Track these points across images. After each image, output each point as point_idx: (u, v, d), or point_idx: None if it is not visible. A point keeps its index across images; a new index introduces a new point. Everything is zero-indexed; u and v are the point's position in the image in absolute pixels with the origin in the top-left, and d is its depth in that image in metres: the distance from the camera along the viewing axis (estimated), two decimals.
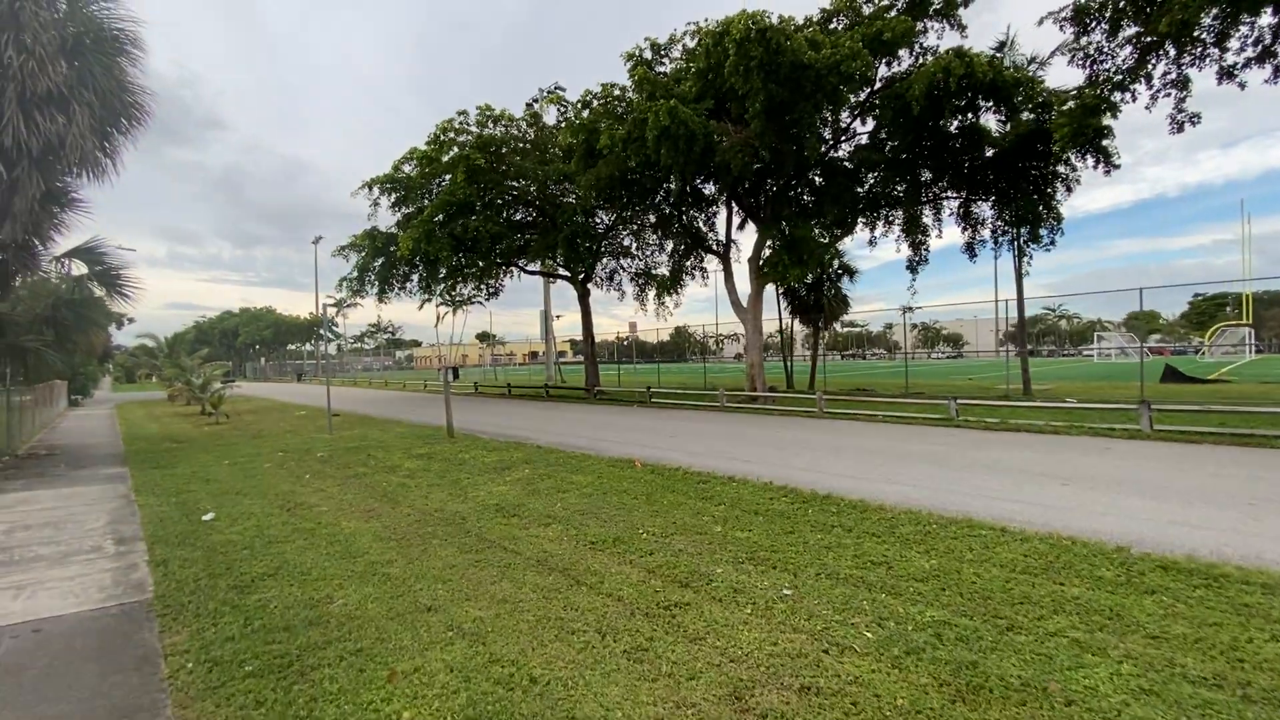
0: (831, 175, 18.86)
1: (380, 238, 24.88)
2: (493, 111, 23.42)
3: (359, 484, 8.68)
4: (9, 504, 7.41)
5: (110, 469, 10.28)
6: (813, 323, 26.00)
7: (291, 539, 5.91)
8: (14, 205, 8.09)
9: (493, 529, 6.23)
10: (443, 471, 9.36)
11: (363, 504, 7.43)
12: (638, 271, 29.92)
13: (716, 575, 4.78)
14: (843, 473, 8.48)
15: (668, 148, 16.31)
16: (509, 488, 8.09)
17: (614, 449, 11.03)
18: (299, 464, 10.49)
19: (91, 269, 12.16)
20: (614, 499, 7.29)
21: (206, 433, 15.74)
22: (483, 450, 11.23)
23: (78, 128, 8.30)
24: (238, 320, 71.34)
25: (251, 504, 7.46)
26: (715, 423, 15.09)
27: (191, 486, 8.51)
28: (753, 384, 20.63)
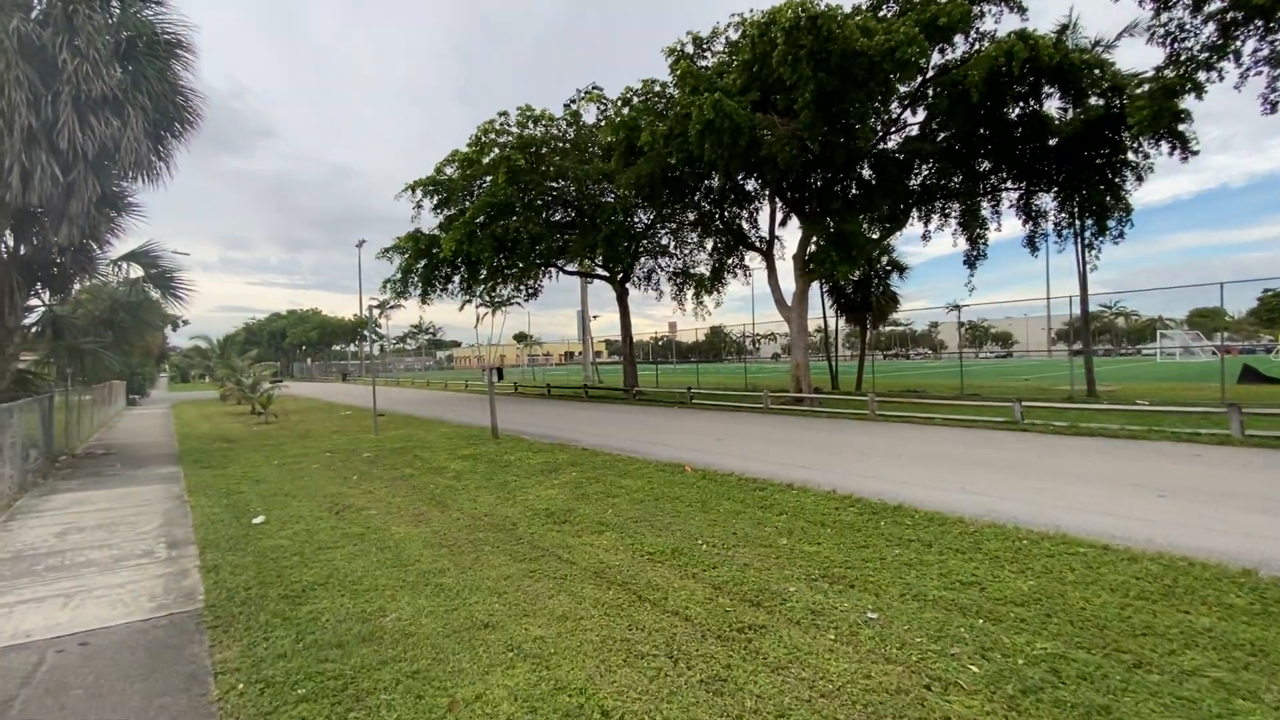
0: (882, 167, 18.15)
1: (423, 239, 25.10)
2: (533, 111, 23.37)
3: (406, 486, 8.55)
4: (64, 505, 7.49)
5: (164, 468, 10.42)
6: (860, 322, 25.20)
7: (341, 545, 5.75)
8: (70, 208, 8.21)
9: (545, 536, 5.97)
10: (489, 473, 9.18)
11: (411, 507, 7.27)
12: (676, 271, 29.56)
13: (790, 594, 4.40)
14: (909, 480, 7.97)
15: (712, 142, 15.92)
16: (558, 491, 7.84)
17: (660, 452, 10.70)
18: (346, 464, 10.46)
19: (147, 272, 12.42)
20: (667, 506, 6.95)
21: (256, 432, 16.00)
22: (528, 452, 11.04)
23: (132, 131, 8.38)
24: (285, 322, 73.53)
25: (300, 506, 7.37)
26: (761, 425, 14.62)
27: (242, 487, 8.50)
28: (798, 385, 20.05)
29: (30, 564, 5.17)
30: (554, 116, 23.44)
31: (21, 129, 7.49)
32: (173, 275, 12.47)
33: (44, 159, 7.72)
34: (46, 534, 6.10)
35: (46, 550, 5.54)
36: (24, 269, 10.53)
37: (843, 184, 18.97)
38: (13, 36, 7.34)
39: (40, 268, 10.98)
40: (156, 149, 9.15)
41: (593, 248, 23.82)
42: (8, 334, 10.32)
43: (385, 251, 26.69)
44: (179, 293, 12.41)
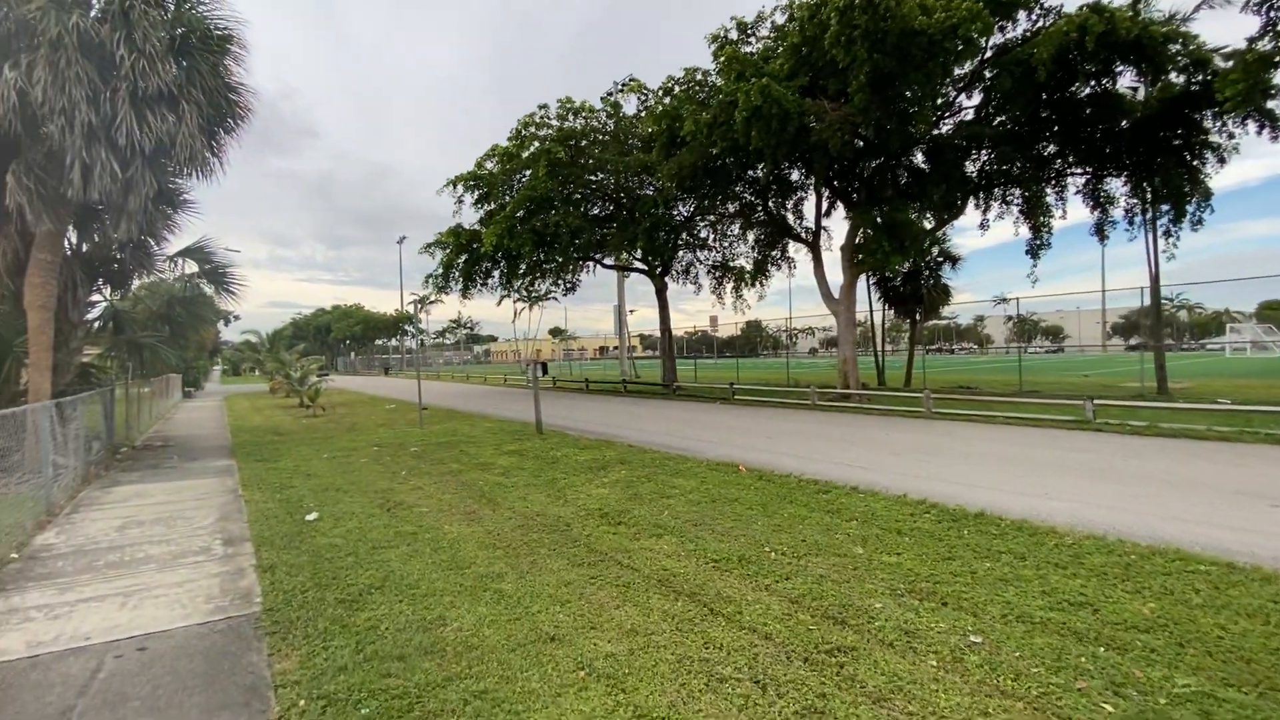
0: (936, 154, 17.34)
1: (464, 234, 25.18)
2: (573, 104, 23.16)
3: (454, 482, 8.42)
4: (124, 497, 7.57)
5: (219, 461, 10.56)
6: (909, 315, 24.34)
7: (395, 544, 5.60)
8: (128, 204, 8.29)
9: (601, 539, 5.71)
10: (537, 470, 8.99)
11: (462, 505, 7.11)
12: (715, 264, 29.07)
13: (876, 611, 4.04)
14: (982, 484, 7.46)
15: (759, 129, 15.42)
16: (609, 490, 7.58)
17: (709, 450, 10.36)
18: (394, 459, 10.42)
19: (201, 267, 12.63)
20: (726, 508, 6.63)
21: (305, 425, 16.24)
22: (574, 448, 10.83)
23: (187, 126, 8.42)
24: (330, 317, 75.48)
25: (352, 502, 7.29)
26: (810, 422, 14.13)
27: (294, 482, 8.50)
28: (845, 380, 19.42)
29: (91, 559, 5.15)
30: (594, 108, 23.18)
31: (82, 125, 7.57)
32: (225, 270, 12.66)
33: (103, 155, 7.80)
34: (108, 527, 6.12)
35: (107, 545, 5.53)
36: (86, 265, 10.78)
37: (895, 171, 18.21)
38: (72, 33, 7.41)
39: (101, 264, 11.24)
40: (210, 144, 9.20)
41: (632, 241, 23.52)
42: (71, 328, 10.58)
43: (427, 247, 26.89)
44: (231, 288, 12.60)
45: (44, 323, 8.53)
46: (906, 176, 18.30)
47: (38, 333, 8.46)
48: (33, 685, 3.14)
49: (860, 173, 18.93)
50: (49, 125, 7.54)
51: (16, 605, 4.14)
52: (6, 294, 9.01)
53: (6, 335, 8.79)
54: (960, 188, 17.63)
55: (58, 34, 7.32)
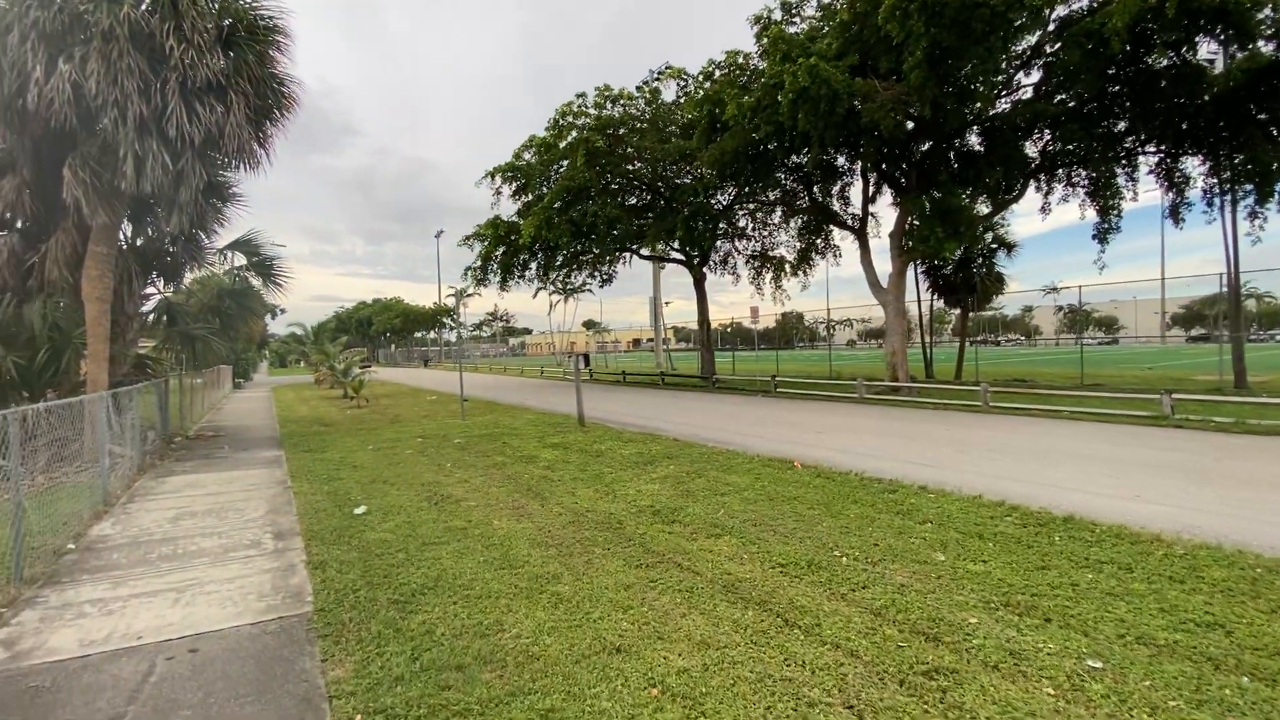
0: (994, 134, 16.46)
1: (503, 226, 25.14)
2: (611, 91, 22.81)
3: (501, 475, 8.26)
4: (178, 488, 7.62)
5: (268, 452, 10.65)
6: (960, 305, 23.38)
7: (445, 540, 5.42)
8: (180, 196, 8.33)
9: (657, 538, 5.43)
10: (583, 464, 8.77)
11: (509, 499, 6.92)
12: (754, 254, 28.47)
13: (972, 627, 3.65)
14: (1061, 483, 6.93)
15: (806, 111, 14.86)
16: (659, 486, 7.30)
17: (758, 444, 9.98)
18: (438, 451, 10.34)
19: (249, 260, 12.78)
20: (786, 508, 6.27)
21: (349, 416, 16.41)
22: (618, 441, 10.59)
23: (235, 117, 8.40)
24: (370, 310, 77.15)
25: (399, 495, 7.17)
26: (861, 416, 13.60)
27: (341, 473, 8.46)
28: (894, 373, 18.74)
29: (145, 552, 5.11)
30: (633, 95, 22.79)
31: (134, 117, 7.60)
32: (272, 263, 12.78)
33: (155, 146, 7.83)
34: (161, 519, 6.12)
35: (161, 536, 5.50)
36: (140, 259, 10.97)
37: (948, 154, 17.39)
38: (124, 24, 7.42)
39: (154, 258, 11.44)
40: (257, 135, 9.19)
41: (670, 230, 23.12)
42: (127, 321, 10.78)
43: (466, 239, 26.96)
44: (278, 280, 12.72)
45: (101, 315, 8.66)
46: (961, 159, 17.45)
47: (95, 324, 8.59)
48: (83, 689, 3.01)
49: (910, 156, 18.14)
50: (103, 118, 7.59)
51: (71, 599, 4.07)
52: (66, 287, 9.19)
53: (66, 327, 8.98)
54: (1020, 170, 16.72)
55: (109, 25, 7.34)
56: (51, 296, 8.98)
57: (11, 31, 7.20)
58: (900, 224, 18.85)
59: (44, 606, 3.94)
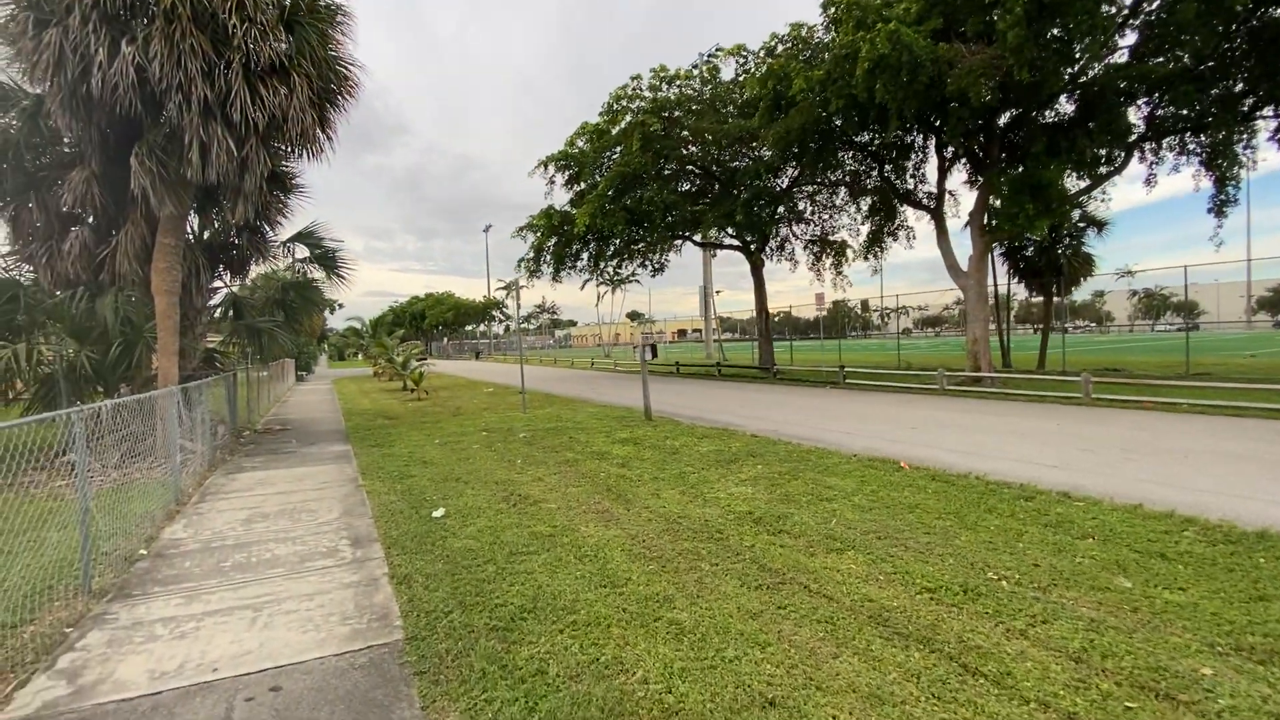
0: (1093, 100, 14.97)
1: (556, 216, 24.74)
2: (667, 72, 22.02)
3: (574, 473, 7.74)
4: (248, 485, 7.38)
5: (335, 446, 10.46)
6: (1044, 289, 21.75)
7: (533, 549, 4.90)
8: (245, 184, 8.08)
9: (768, 552, 4.77)
10: (660, 462, 8.17)
11: (590, 501, 6.38)
12: (813, 238, 27.28)
13: (1209, 681, 2.88)
14: (1227, 490, 5.94)
15: (885, 81, 13.81)
16: (751, 489, 6.63)
17: (848, 441, 9.19)
18: (505, 445, 9.93)
19: (312, 252, 12.65)
20: (908, 517, 5.51)
21: (411, 409, 16.29)
22: (691, 437, 9.95)
23: (298, 100, 8.09)
24: (424, 304, 78.60)
25: (475, 495, 6.72)
26: (951, 410, 12.58)
27: (412, 470, 8.10)
28: (976, 362, 17.50)
29: (218, 559, 4.77)
30: (690, 73, 21.93)
31: (198, 101, 7.35)
32: (334, 255, 12.61)
33: (219, 132, 7.58)
34: (234, 520, 5.82)
35: (234, 541, 5.17)
36: (207, 252, 10.91)
37: (1037, 124, 15.96)
38: (185, 3, 7.14)
39: (220, 251, 11.39)
40: (319, 119, 8.88)
41: (728, 215, 22.21)
42: (196, 314, 10.74)
43: (520, 230, 26.71)
44: (341, 272, 12.54)
45: (170, 308, 8.53)
46: (1051, 130, 15.98)
47: (164, 318, 8.46)
48: None
49: (993, 128, 16.77)
50: (168, 103, 7.35)
51: (142, 617, 3.71)
52: (136, 280, 9.12)
53: (137, 321, 8.91)
54: (1121, 139, 15.20)
55: (171, 4, 7.07)
56: (123, 290, 8.92)
57: (72, 13, 7.00)
58: (981, 202, 17.54)
59: (113, 626, 3.59)
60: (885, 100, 14.13)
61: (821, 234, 27.25)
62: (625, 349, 64.83)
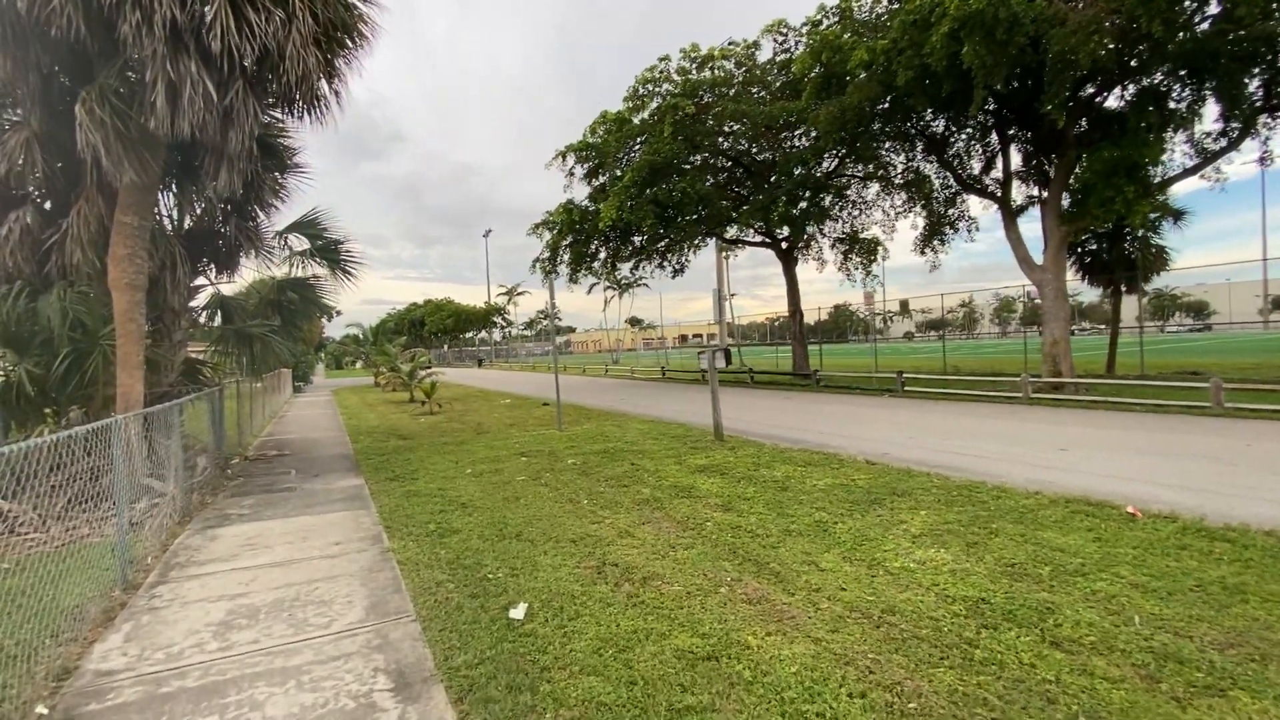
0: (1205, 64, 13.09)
1: (576, 211, 22.82)
2: (698, 53, 20.17)
3: (669, 522, 5.78)
4: (232, 549, 5.37)
5: (344, 480, 8.46)
6: (1114, 285, 19.84)
7: (697, 693, 2.94)
8: (229, 143, 6.13)
9: (1103, 694, 2.82)
10: (774, 503, 6.21)
11: (720, 573, 4.43)
12: (840, 235, 25.44)
13: None
14: None
15: (975, 43, 11.98)
16: (944, 553, 4.68)
17: (991, 469, 7.27)
18: (556, 477, 7.96)
19: (313, 244, 10.68)
20: (1241, 610, 3.57)
21: (426, 426, 14.29)
22: (789, 464, 7.99)
23: (298, 34, 6.16)
24: (423, 311, 76.39)
25: (553, 565, 4.74)
26: (1067, 423, 10.68)
27: (451, 519, 6.11)
28: (1055, 366, 15.63)
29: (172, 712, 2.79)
30: (728, 51, 20.07)
31: (163, 24, 5.40)
32: (339, 246, 10.64)
33: (193, 69, 5.64)
34: (204, 624, 3.84)
35: (198, 678, 3.19)
36: (188, 242, 8.94)
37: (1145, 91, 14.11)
38: None
39: (204, 240, 9.42)
40: (325, 65, 6.92)
41: (766, 208, 20.32)
42: (174, 317, 8.77)
43: (535, 227, 24.79)
44: (348, 266, 10.56)
45: (132, 307, 6.55)
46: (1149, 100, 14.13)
47: (125, 319, 6.48)
48: None
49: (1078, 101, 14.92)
50: (120, 24, 5.40)
51: None
52: (93, 274, 7.15)
53: (92, 325, 6.91)
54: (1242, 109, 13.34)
55: None
56: (73, 285, 6.94)
57: None
58: (1058, 186, 15.73)
59: None
60: (973, 65, 12.28)
61: (851, 231, 25.45)
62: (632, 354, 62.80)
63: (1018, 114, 16.17)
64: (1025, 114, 16.05)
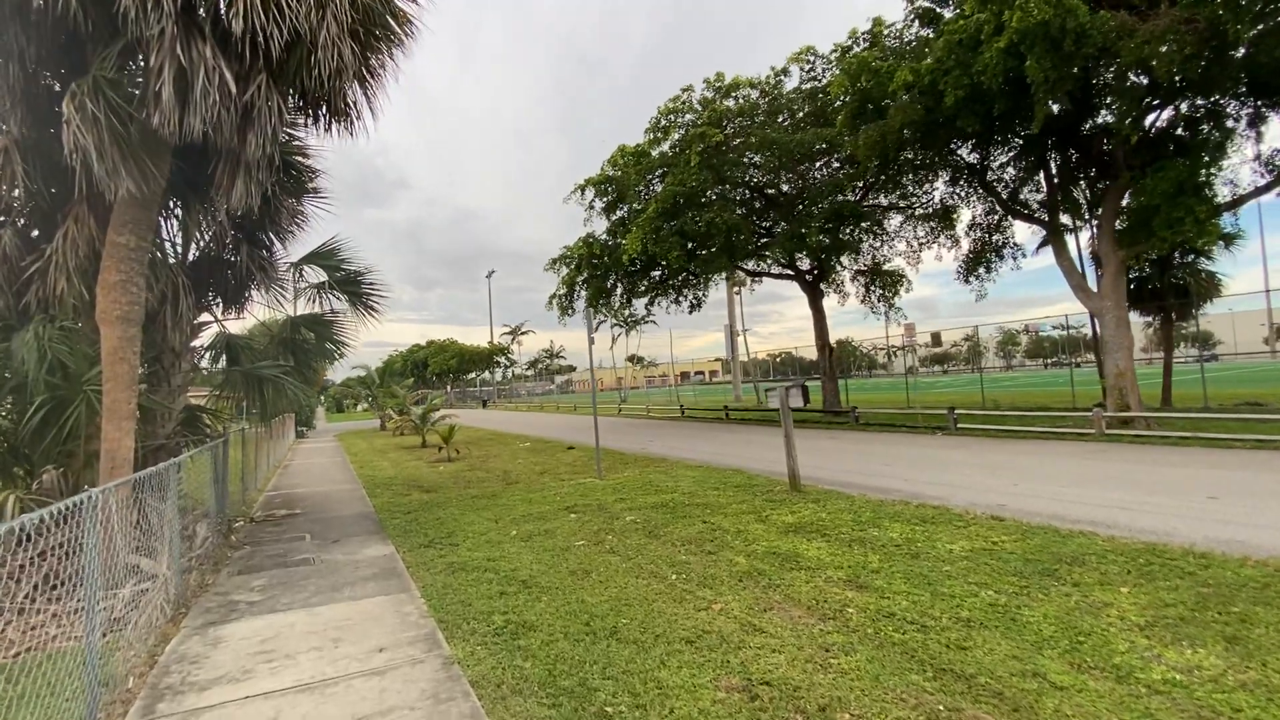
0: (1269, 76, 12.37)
1: (596, 245, 21.98)
2: (722, 82, 19.64)
3: (797, 608, 4.54)
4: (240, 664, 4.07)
5: (371, 548, 7.19)
6: (1163, 312, 18.88)
7: None
8: (247, 147, 5.12)
9: None
10: (918, 578, 4.98)
11: (911, 691, 3.20)
12: (862, 268, 24.68)
13: None
14: None
15: (1038, 56, 11.24)
16: (1208, 655, 3.46)
17: (1154, 524, 6.07)
18: (620, 540, 6.71)
19: (331, 276, 9.63)
20: None
21: (446, 474, 13.01)
22: (898, 522, 6.75)
23: (334, 20, 5.23)
24: (426, 352, 75.32)
25: (683, 687, 3.50)
26: (1176, 464, 9.49)
27: (519, 608, 4.85)
28: (1123, 399, 14.47)
29: None
30: (755, 81, 19.51)
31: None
32: (361, 278, 9.59)
33: (209, 55, 4.68)
34: None
35: None
36: (193, 272, 7.87)
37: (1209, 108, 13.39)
38: None
39: (210, 270, 8.35)
40: (360, 65, 5.97)
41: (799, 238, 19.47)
42: (175, 358, 7.64)
43: (553, 263, 23.92)
44: (373, 300, 9.48)
45: (124, 344, 5.42)
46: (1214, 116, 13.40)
47: (115, 359, 5.33)
48: None
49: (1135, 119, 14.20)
50: None
51: None
52: (81, 307, 6.05)
53: (75, 367, 5.76)
54: None
55: None
56: (54, 320, 5.82)
57: None
58: (1113, 207, 14.91)
59: None
60: (1035, 80, 11.52)
61: (873, 263, 24.68)
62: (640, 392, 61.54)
63: (1063, 136, 15.48)
64: (1071, 135, 15.39)
